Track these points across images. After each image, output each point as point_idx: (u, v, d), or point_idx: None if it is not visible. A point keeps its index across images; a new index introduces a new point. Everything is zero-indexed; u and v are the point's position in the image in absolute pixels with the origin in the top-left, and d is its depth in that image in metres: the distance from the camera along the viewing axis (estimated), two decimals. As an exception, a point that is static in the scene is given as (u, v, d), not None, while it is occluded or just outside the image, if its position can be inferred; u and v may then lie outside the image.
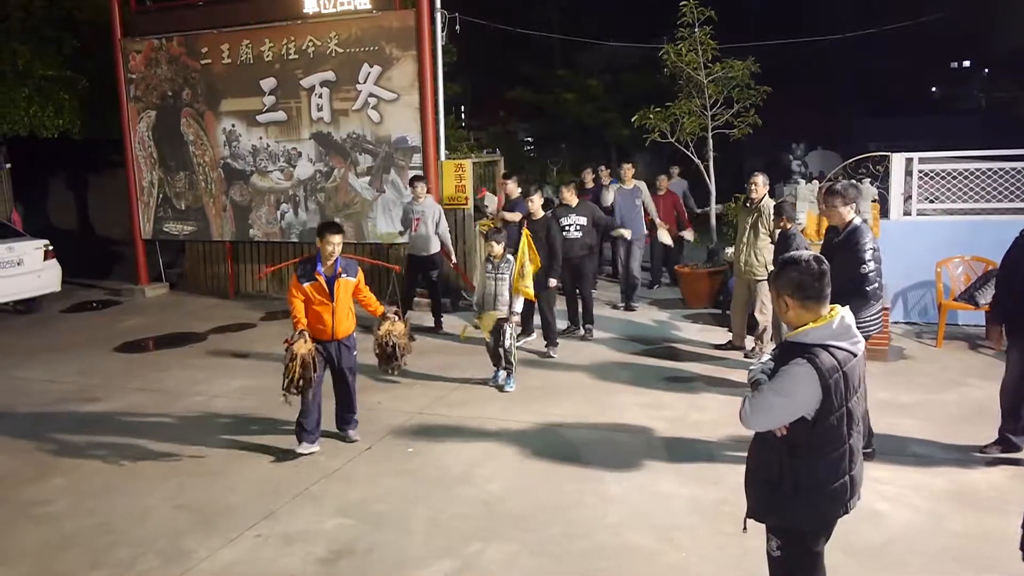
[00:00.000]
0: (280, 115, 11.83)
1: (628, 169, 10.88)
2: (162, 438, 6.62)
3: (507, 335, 7.44)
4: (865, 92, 29.70)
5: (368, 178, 11.33)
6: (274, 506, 5.28)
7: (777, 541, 3.21)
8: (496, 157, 12.45)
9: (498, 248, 7.51)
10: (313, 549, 4.74)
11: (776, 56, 13.83)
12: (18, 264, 11.35)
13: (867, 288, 5.39)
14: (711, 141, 11.38)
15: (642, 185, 10.90)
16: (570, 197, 9.26)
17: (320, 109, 11.55)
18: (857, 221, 5.58)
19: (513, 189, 10.04)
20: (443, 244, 9.92)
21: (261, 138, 12.03)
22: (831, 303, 3.07)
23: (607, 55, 20.63)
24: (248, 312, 11.52)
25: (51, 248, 11.85)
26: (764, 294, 8.03)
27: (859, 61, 26.28)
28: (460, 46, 14.10)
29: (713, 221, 11.62)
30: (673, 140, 11.43)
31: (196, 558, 4.67)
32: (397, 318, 6.64)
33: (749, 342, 8.40)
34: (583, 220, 9.13)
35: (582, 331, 9.29)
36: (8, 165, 15.16)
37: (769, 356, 3.24)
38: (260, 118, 11.96)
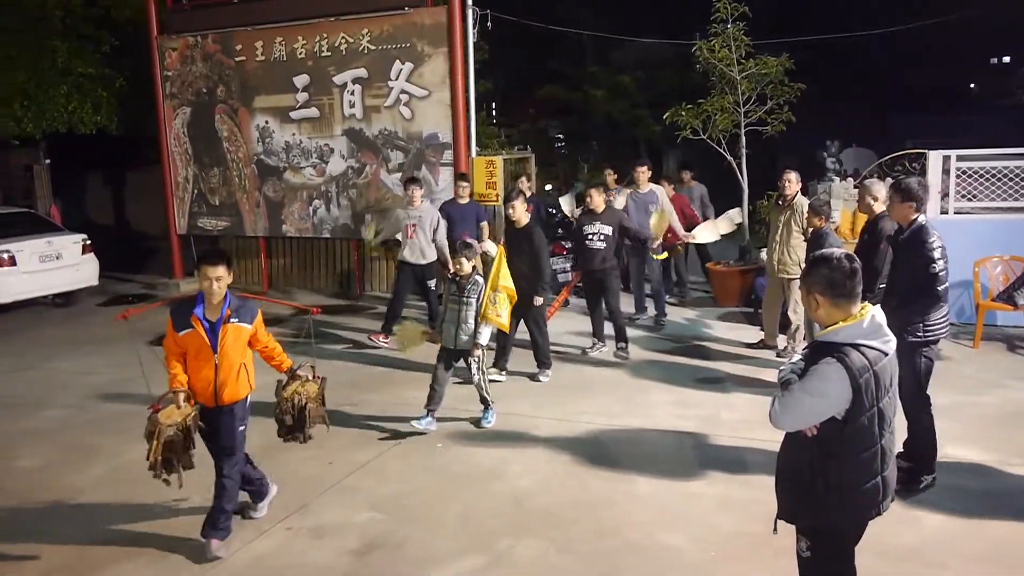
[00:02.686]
0: (313, 112, 11.93)
1: (641, 172, 9.56)
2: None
3: (473, 369, 6.47)
4: (902, 89, 29.24)
5: (399, 174, 11.38)
6: (306, 499, 5.34)
7: (807, 542, 3.19)
8: (527, 154, 12.44)
9: (466, 266, 6.41)
10: (345, 542, 4.78)
11: (811, 52, 13.69)
12: (57, 258, 11.57)
13: (938, 288, 5.08)
14: (743, 138, 11.29)
15: (659, 190, 9.69)
16: (598, 201, 8.33)
17: (352, 106, 11.62)
18: (922, 219, 5.27)
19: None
20: (439, 252, 9.09)
21: (294, 134, 12.13)
22: (896, 305, 3.03)
23: (639, 52, 20.54)
24: (280, 307, 11.63)
25: (89, 242, 12.07)
26: (797, 293, 7.95)
27: (896, 57, 25.87)
28: (492, 43, 14.10)
29: (745, 219, 11.51)
30: (705, 137, 11.35)
31: (230, 549, 4.73)
32: (311, 374, 5.16)
33: (781, 341, 8.33)
34: (608, 229, 8.23)
35: (605, 345, 8.49)
36: (47, 161, 15.46)
37: (800, 356, 3.21)
38: (293, 115, 12.06)
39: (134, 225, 17.57)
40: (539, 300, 7.57)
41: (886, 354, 3.01)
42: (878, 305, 3.09)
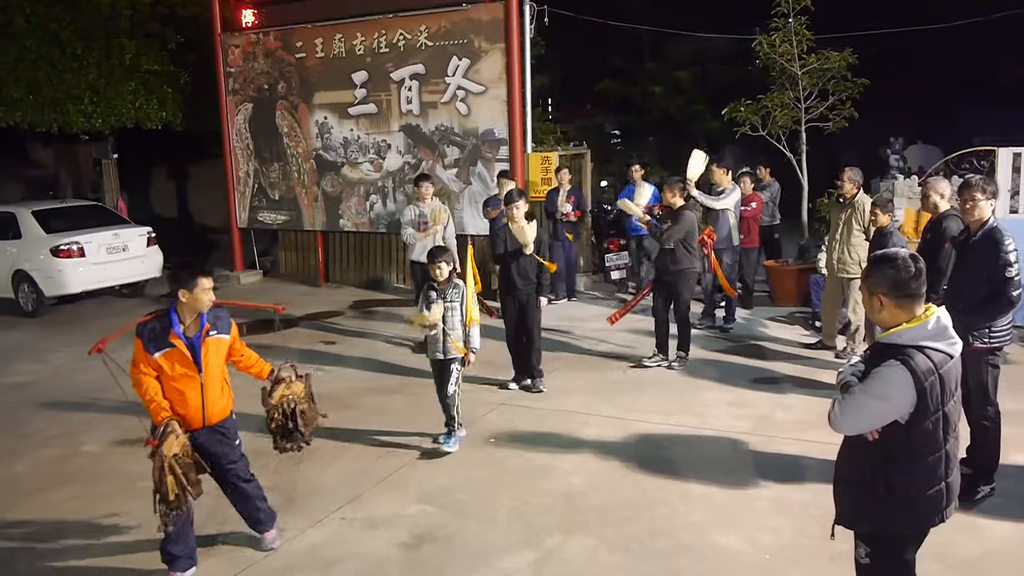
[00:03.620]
0: (371, 107, 12.06)
1: (720, 173, 9.29)
2: (249, 420, 6.83)
3: (452, 379, 5.98)
4: (971, 84, 28.33)
5: (455, 170, 11.44)
6: (360, 490, 5.41)
7: (866, 548, 3.11)
8: (583, 150, 12.39)
9: (444, 271, 6.01)
10: (396, 533, 4.84)
11: (875, 46, 13.34)
12: (123, 250, 11.91)
13: (1012, 293, 4.83)
14: (804, 135, 11.09)
15: (731, 186, 9.37)
16: (672, 199, 7.87)
17: (409, 102, 11.72)
18: (994, 220, 5.01)
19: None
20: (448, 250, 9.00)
21: (352, 130, 12.28)
22: (963, 308, 2.95)
23: (697, 46, 20.25)
24: (337, 300, 11.80)
25: (153, 235, 12.39)
26: (857, 292, 7.78)
27: (965, 51, 25.07)
28: (548, 38, 14.08)
29: (805, 217, 11.31)
30: (764, 133, 11.17)
31: (285, 537, 4.83)
32: (293, 375, 4.81)
33: (840, 342, 8.16)
34: (676, 226, 7.76)
35: (667, 361, 7.92)
36: (115, 155, 15.93)
37: (859, 357, 3.14)
38: (351, 110, 12.21)
39: (196, 218, 18.05)
40: (544, 302, 7.31)
41: (951, 356, 2.92)
42: (943, 306, 3.00)
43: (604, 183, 17.20)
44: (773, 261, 10.81)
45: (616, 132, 23.50)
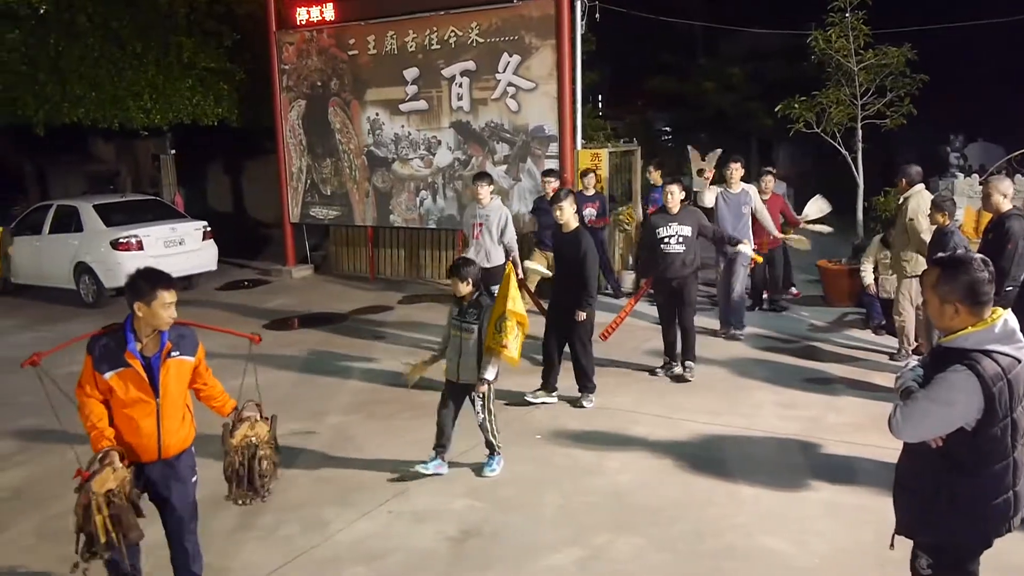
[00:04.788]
0: (422, 104, 12.13)
1: (736, 169, 8.84)
2: (305, 411, 6.96)
3: (478, 407, 5.57)
4: (1036, 80, 27.47)
5: (505, 167, 11.46)
6: (407, 483, 5.46)
7: (928, 559, 3.02)
8: (633, 147, 12.32)
9: (462, 287, 5.45)
10: (443, 527, 4.88)
11: (935, 41, 13.01)
12: (180, 243, 12.18)
13: None
14: (860, 132, 10.87)
15: (752, 190, 8.97)
16: (675, 200, 7.45)
17: (460, 98, 11.77)
18: None
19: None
20: (508, 254, 8.37)
21: (403, 126, 12.37)
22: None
23: (750, 42, 19.99)
24: (387, 295, 11.91)
25: (209, 229, 12.65)
26: (903, 293, 7.64)
27: (1031, 46, 24.31)
28: (599, 34, 14.01)
29: (860, 215, 11.09)
30: (819, 131, 10.98)
31: (333, 528, 4.90)
32: (258, 415, 4.21)
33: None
34: (686, 230, 7.38)
35: (680, 368, 7.59)
36: (173, 151, 16.29)
37: (917, 361, 3.06)
38: (403, 107, 12.30)
39: (250, 213, 18.36)
40: (582, 315, 6.73)
41: (1020, 361, 2.81)
42: (1009, 309, 2.91)
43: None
44: (826, 261, 10.63)
45: (667, 129, 23.32)
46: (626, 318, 7.98)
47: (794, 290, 10.57)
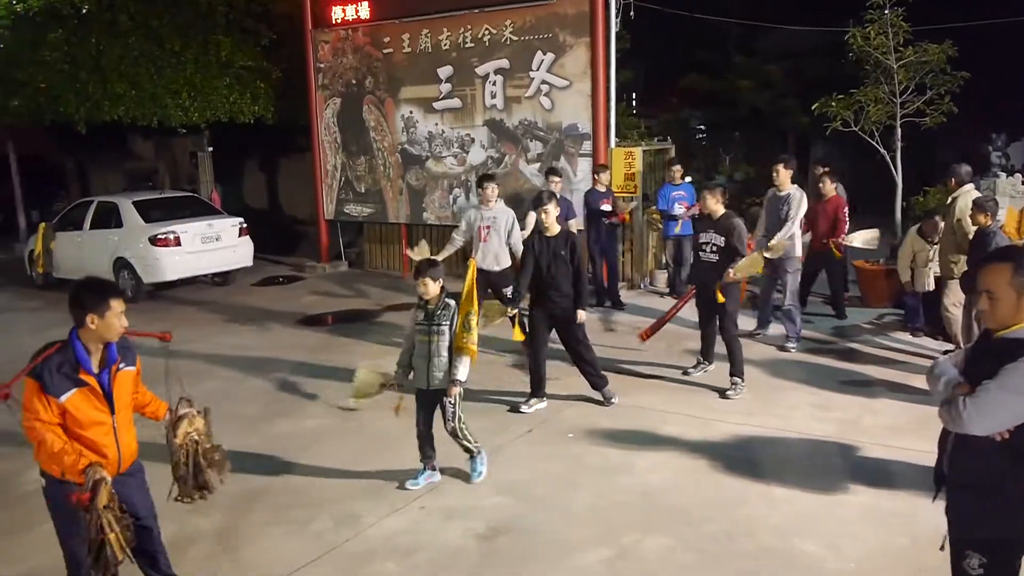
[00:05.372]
0: (455, 102, 12.17)
1: (779, 171, 8.40)
2: (336, 407, 7.02)
3: (448, 414, 5.34)
4: (1081, 77, 26.84)
5: (538, 164, 11.45)
6: (440, 479, 5.48)
7: (980, 558, 2.96)
8: (667, 145, 12.24)
9: (433, 287, 5.28)
10: (473, 525, 4.89)
11: (977, 38, 12.77)
12: (217, 240, 12.34)
13: None
14: (899, 130, 10.70)
15: (798, 195, 8.32)
16: (715, 205, 7.12)
17: (494, 96, 11.78)
18: None
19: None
20: (513, 256, 8.24)
21: (437, 124, 12.42)
22: None
23: (786, 40, 19.75)
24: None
25: (245, 226, 12.81)
26: (952, 296, 7.51)
27: (1076, 42, 23.75)
28: (634, 32, 13.95)
29: (899, 216, 10.92)
30: (856, 129, 10.83)
31: (365, 523, 4.94)
32: (194, 411, 4.09)
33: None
34: (722, 240, 7.02)
35: (712, 365, 7.41)
36: (210, 148, 16.49)
37: (953, 352, 3.03)
38: (436, 105, 12.35)
39: (285, 210, 18.54)
40: (582, 316, 6.65)
41: None
42: None
43: (688, 179, 16.95)
44: (863, 261, 10.48)
45: (701, 127, 23.14)
46: (668, 321, 7.87)
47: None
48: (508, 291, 7.84)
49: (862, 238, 9.28)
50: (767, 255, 7.84)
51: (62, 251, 13.01)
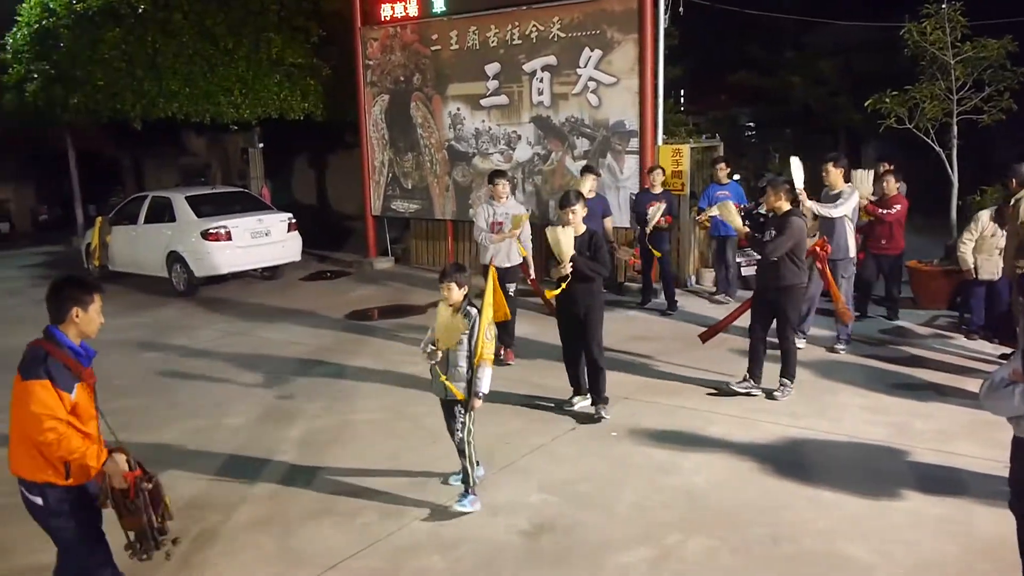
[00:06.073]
0: (502, 99, 12.19)
1: (828, 170, 8.05)
2: (383, 401, 7.10)
3: (458, 425, 5.05)
4: None
5: (584, 162, 11.41)
6: (485, 475, 5.50)
7: None
8: (715, 142, 12.12)
9: (456, 293, 5.00)
10: (516, 521, 4.91)
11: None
12: (266, 235, 12.55)
13: None
14: (955, 128, 10.44)
15: (849, 189, 8.11)
16: (777, 202, 6.81)
17: (541, 93, 11.77)
18: None
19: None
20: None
21: (484, 121, 12.45)
22: None
23: (838, 35, 19.42)
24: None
25: (294, 221, 12.99)
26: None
27: None
28: (682, 28, 13.82)
29: (954, 215, 10.67)
30: (911, 126, 10.59)
31: (410, 516, 4.99)
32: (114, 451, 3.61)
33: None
34: (782, 237, 6.70)
35: (758, 388, 6.95)
36: (261, 145, 16.76)
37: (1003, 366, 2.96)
38: (483, 102, 12.38)
39: (333, 205, 18.77)
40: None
41: None
42: None
43: (736, 177, 16.76)
44: (917, 261, 10.27)
45: (751, 124, 22.85)
46: (731, 324, 7.64)
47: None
48: (511, 288, 7.89)
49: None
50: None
51: (117, 244, 13.35)
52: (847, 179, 8.35)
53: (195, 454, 6.12)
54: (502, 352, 7.83)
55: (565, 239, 6.30)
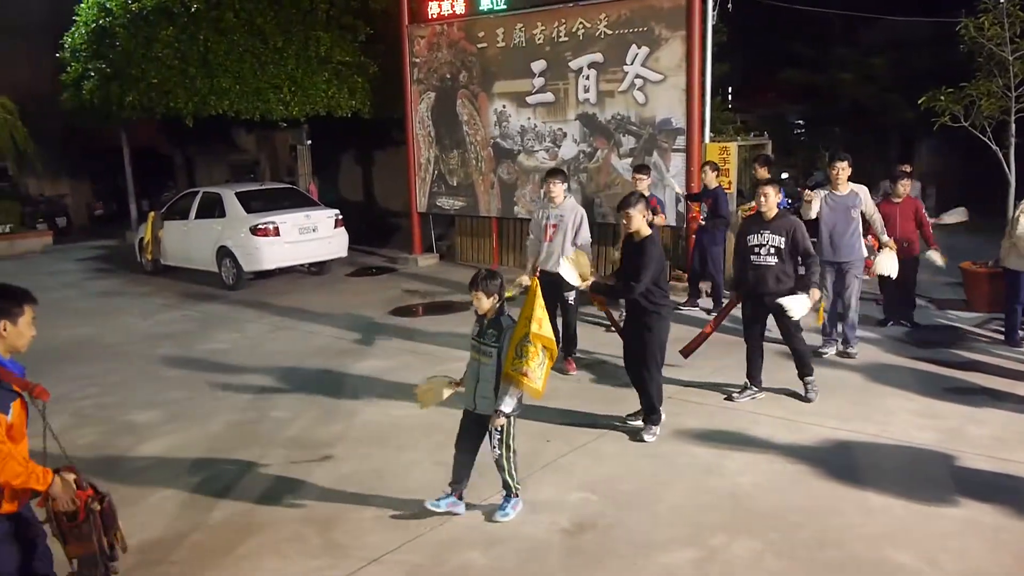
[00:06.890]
0: (548, 96, 12.17)
1: (841, 169, 7.81)
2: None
3: (494, 442, 4.86)
4: None
5: (630, 159, 11.35)
6: (525, 473, 5.48)
7: None
8: (763, 140, 11.96)
9: (485, 302, 4.79)
10: (557, 519, 4.91)
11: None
12: (313, 231, 12.71)
13: None
14: (1013, 126, 10.16)
15: (862, 191, 7.96)
16: (768, 204, 6.61)
17: (587, 90, 11.73)
18: None
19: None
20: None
21: (529, 119, 12.45)
22: None
23: (890, 31, 19.03)
24: (509, 284, 12.02)
25: (340, 217, 13.14)
26: None
27: None
28: (731, 25, 13.67)
29: (1011, 215, 10.38)
30: (967, 124, 10.34)
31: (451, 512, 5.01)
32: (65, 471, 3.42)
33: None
34: (779, 240, 6.49)
35: (761, 393, 6.87)
36: (309, 142, 16.97)
37: None
38: (529, 99, 12.38)
39: (379, 202, 18.94)
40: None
41: None
42: None
43: (785, 175, 16.52)
44: (970, 263, 10.03)
45: (799, 122, 22.51)
46: (710, 335, 7.27)
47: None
48: (571, 296, 7.59)
49: (951, 217, 9.09)
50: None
51: (169, 239, 13.64)
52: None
53: (240, 446, 6.22)
54: (564, 362, 7.61)
55: (581, 261, 6.49)
